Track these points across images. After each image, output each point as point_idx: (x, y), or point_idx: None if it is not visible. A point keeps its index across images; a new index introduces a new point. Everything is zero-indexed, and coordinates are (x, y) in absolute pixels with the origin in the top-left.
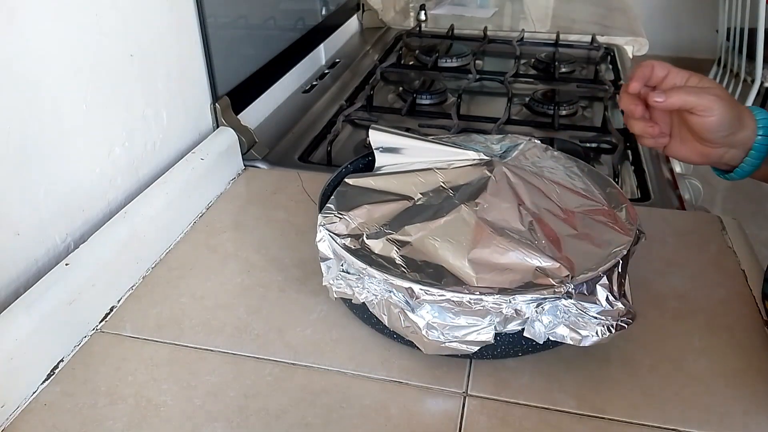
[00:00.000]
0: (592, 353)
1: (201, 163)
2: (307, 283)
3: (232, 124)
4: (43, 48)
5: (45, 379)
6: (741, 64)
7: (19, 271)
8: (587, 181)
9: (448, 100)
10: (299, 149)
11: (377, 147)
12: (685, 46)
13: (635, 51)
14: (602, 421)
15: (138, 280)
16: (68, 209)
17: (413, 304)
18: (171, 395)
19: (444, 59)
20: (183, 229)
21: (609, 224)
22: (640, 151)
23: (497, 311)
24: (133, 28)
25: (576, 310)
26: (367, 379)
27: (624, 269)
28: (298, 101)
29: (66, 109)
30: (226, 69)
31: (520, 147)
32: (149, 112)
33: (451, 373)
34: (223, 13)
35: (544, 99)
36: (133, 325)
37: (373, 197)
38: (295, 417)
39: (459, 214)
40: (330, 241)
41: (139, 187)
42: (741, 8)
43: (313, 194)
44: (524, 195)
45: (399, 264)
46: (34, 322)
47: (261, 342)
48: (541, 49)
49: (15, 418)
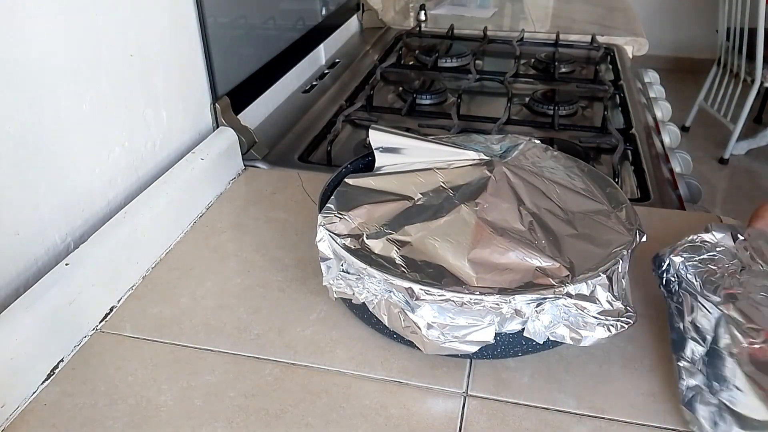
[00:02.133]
0: (592, 353)
1: (201, 163)
2: (307, 283)
3: (232, 124)
4: (44, 48)
5: (45, 379)
6: (741, 64)
7: (19, 271)
8: (587, 181)
9: (448, 100)
10: (299, 149)
11: (377, 147)
12: (684, 46)
13: (635, 51)
14: (602, 421)
15: (138, 280)
16: (68, 209)
17: (413, 304)
18: (171, 395)
19: (444, 59)
20: (183, 229)
21: (609, 224)
22: (640, 151)
23: (497, 311)
24: (133, 28)
25: (576, 310)
26: (367, 379)
27: (624, 269)
28: (298, 101)
29: (66, 110)
30: (226, 69)
31: (520, 147)
32: (149, 112)
33: (451, 373)
34: (223, 13)
35: (544, 99)
36: (133, 325)
37: (373, 197)
38: (295, 417)
39: (459, 214)
40: (330, 241)
41: (139, 187)
42: (741, 8)
43: (313, 194)
44: (524, 195)
45: (399, 264)
46: (34, 322)
47: (261, 342)
48: (541, 49)
49: (15, 418)
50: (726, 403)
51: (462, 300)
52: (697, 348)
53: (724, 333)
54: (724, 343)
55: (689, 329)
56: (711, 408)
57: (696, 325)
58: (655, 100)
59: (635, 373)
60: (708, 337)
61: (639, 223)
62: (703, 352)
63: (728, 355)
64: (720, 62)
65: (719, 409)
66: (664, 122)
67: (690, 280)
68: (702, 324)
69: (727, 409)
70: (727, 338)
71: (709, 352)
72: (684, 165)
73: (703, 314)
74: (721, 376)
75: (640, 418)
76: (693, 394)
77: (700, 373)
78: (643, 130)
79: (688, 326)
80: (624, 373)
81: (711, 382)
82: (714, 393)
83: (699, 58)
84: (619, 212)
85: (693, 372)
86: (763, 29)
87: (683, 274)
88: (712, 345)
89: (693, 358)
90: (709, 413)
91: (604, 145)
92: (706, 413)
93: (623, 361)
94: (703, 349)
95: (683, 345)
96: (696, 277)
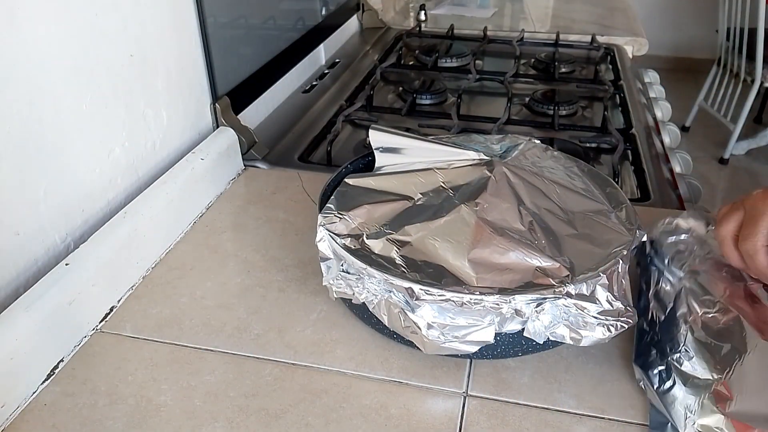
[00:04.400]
0: (592, 353)
1: (201, 163)
2: (307, 283)
3: (232, 124)
4: (44, 48)
5: (45, 379)
6: (741, 64)
7: (19, 271)
8: (587, 181)
9: (448, 100)
10: (299, 149)
11: (377, 147)
12: (684, 46)
13: (635, 51)
14: (602, 421)
15: (138, 280)
16: (68, 209)
17: (413, 304)
18: (171, 395)
19: (444, 59)
20: (183, 229)
21: (609, 224)
22: (640, 151)
23: (497, 311)
24: (133, 28)
25: (576, 310)
26: (367, 379)
27: (624, 269)
28: (298, 101)
29: (66, 110)
30: (226, 69)
31: (520, 147)
32: (149, 112)
33: (451, 373)
34: (223, 13)
35: (543, 99)
36: (133, 325)
37: (373, 197)
38: (295, 417)
39: (459, 214)
40: (330, 241)
41: (139, 187)
42: (741, 8)
43: (313, 194)
44: (524, 195)
45: (399, 264)
46: (34, 322)
47: (261, 342)
48: (541, 49)
49: (15, 418)
50: (675, 363)
51: (462, 300)
52: (658, 315)
53: (682, 303)
54: (681, 312)
55: (652, 298)
56: (660, 367)
57: (659, 296)
58: (655, 100)
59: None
60: (668, 305)
61: (639, 223)
62: (661, 319)
63: (683, 322)
64: (720, 62)
65: (667, 368)
66: (664, 122)
67: (660, 256)
68: (664, 294)
69: (674, 369)
70: (685, 308)
71: (667, 319)
72: (684, 165)
73: (666, 286)
74: (674, 340)
75: (640, 418)
76: (646, 352)
77: (656, 336)
78: (643, 130)
79: (651, 296)
80: (624, 373)
81: (664, 346)
82: (665, 355)
83: (699, 58)
84: (619, 212)
85: (650, 334)
86: (763, 29)
87: (654, 253)
88: (669, 312)
89: (652, 322)
90: (657, 371)
91: (604, 145)
92: (655, 371)
93: (623, 361)
94: (662, 316)
95: (646, 312)
96: (665, 254)
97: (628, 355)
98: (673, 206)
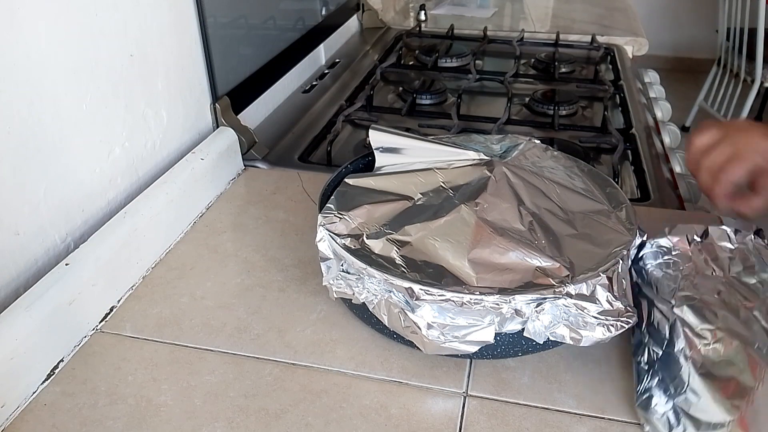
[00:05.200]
0: (592, 353)
1: (201, 163)
2: (307, 283)
3: (232, 124)
4: (44, 48)
5: (45, 379)
6: (741, 64)
7: (19, 271)
8: (587, 181)
9: (448, 100)
10: (299, 149)
11: (377, 147)
12: (684, 46)
13: (635, 51)
14: (602, 421)
15: (138, 280)
16: (68, 209)
17: (413, 304)
18: (171, 395)
19: (444, 59)
20: (183, 229)
21: (609, 224)
22: (640, 151)
23: (497, 311)
24: (133, 28)
25: (576, 310)
26: (367, 379)
27: (624, 269)
28: (297, 101)
29: (66, 110)
30: (226, 69)
31: (520, 147)
32: (149, 112)
33: (451, 373)
34: (223, 13)
35: (543, 99)
36: (133, 325)
37: (373, 197)
38: (295, 417)
39: (459, 214)
40: (330, 241)
41: (139, 187)
42: (741, 8)
43: (313, 194)
44: (524, 195)
45: (399, 264)
46: (34, 322)
47: (261, 342)
48: (541, 49)
49: (15, 418)
50: (681, 406)
51: (462, 300)
52: (655, 350)
53: (679, 335)
54: (679, 347)
55: (645, 333)
56: (667, 410)
57: (652, 329)
58: (655, 100)
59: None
60: (665, 338)
61: (639, 223)
62: (659, 354)
63: (683, 358)
64: (720, 62)
65: (674, 412)
66: (664, 122)
67: (647, 284)
68: (658, 325)
69: (683, 413)
70: (682, 342)
71: (665, 353)
72: (684, 165)
73: (659, 315)
74: (678, 379)
75: (639, 418)
76: (648, 395)
77: (657, 375)
78: (643, 130)
79: (645, 330)
80: (624, 373)
81: (667, 385)
82: (669, 396)
83: (699, 58)
84: (619, 212)
85: (650, 374)
86: (763, 29)
87: (641, 282)
88: (667, 346)
89: (651, 360)
90: (663, 416)
91: (604, 145)
92: (660, 416)
93: (623, 361)
94: (659, 351)
95: (641, 348)
96: (652, 282)
97: (628, 356)
98: (673, 206)
